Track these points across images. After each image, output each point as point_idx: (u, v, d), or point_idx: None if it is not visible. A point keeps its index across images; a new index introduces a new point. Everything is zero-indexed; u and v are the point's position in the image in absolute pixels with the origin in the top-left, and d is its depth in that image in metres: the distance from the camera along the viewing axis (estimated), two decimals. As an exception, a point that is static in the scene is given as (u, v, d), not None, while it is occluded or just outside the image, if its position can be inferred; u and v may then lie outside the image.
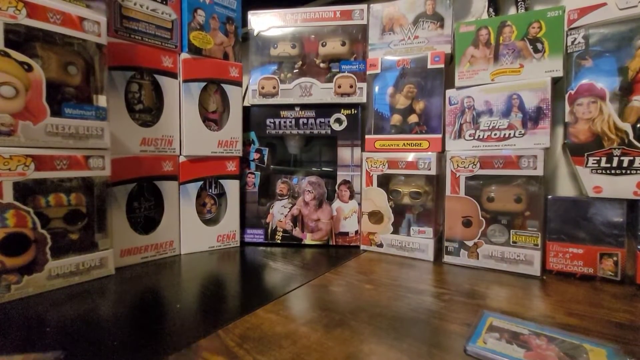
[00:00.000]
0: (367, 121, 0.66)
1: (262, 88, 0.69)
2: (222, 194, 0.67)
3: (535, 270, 0.51)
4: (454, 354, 0.30)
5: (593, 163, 0.50)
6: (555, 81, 0.54)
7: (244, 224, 0.70)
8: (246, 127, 0.70)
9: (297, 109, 0.69)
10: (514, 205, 0.53)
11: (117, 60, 0.53)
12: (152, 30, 0.57)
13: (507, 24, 0.56)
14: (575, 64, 0.51)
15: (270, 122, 0.70)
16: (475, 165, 0.55)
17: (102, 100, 0.48)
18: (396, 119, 0.64)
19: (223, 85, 0.66)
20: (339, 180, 0.68)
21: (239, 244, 0.68)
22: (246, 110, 0.70)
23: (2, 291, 0.40)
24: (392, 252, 0.62)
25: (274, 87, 0.69)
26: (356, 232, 0.67)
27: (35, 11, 0.41)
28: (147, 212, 0.59)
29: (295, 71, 0.70)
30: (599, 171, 0.50)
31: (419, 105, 0.62)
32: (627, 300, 0.42)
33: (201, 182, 0.64)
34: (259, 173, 0.71)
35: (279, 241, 0.69)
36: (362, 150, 0.67)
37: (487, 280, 0.49)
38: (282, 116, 0.69)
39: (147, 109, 0.59)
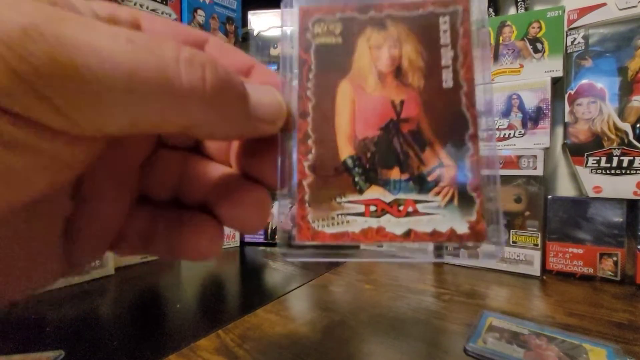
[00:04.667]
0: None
1: (262, 88, 0.69)
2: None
3: (535, 270, 0.51)
4: (454, 354, 0.30)
5: (593, 163, 0.50)
6: (555, 81, 0.54)
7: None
8: (246, 127, 0.70)
9: (297, 109, 0.69)
10: (514, 205, 0.53)
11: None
12: (152, 30, 0.57)
13: (506, 24, 0.56)
14: (575, 64, 0.51)
15: (270, 122, 0.70)
16: (475, 165, 0.55)
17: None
18: (396, 119, 0.63)
19: (223, 85, 0.66)
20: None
21: (238, 244, 0.68)
22: (246, 110, 0.70)
23: None
24: (392, 252, 0.62)
25: (274, 87, 0.69)
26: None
27: (35, 11, 0.41)
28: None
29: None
30: (599, 171, 0.50)
31: (419, 105, 0.62)
32: (627, 300, 0.42)
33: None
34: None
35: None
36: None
37: (487, 280, 0.49)
38: (282, 116, 0.69)
39: (147, 109, 0.59)
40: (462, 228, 0.15)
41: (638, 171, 0.47)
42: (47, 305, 0.39)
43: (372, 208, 0.15)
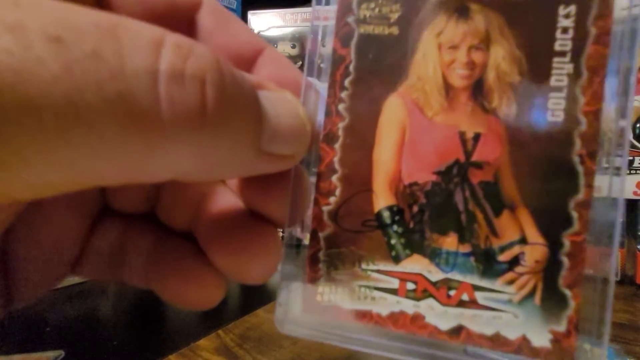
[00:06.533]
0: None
1: (262, 88, 0.69)
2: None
3: (535, 270, 0.51)
4: (454, 354, 0.30)
5: (593, 163, 0.50)
6: (555, 81, 0.54)
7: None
8: (246, 127, 0.70)
9: (297, 109, 0.69)
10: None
11: (117, 60, 0.53)
12: (152, 30, 0.57)
13: (507, 24, 0.56)
14: (575, 64, 0.51)
15: (270, 122, 0.70)
16: (475, 165, 0.55)
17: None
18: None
19: (223, 85, 0.65)
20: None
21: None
22: (246, 110, 0.70)
23: None
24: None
25: (274, 87, 0.69)
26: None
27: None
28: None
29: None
30: (599, 171, 0.50)
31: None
32: (627, 300, 0.42)
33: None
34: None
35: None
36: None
37: (487, 280, 0.49)
38: (282, 116, 0.69)
39: (147, 109, 0.58)
40: (541, 339, 0.10)
41: (638, 171, 0.47)
42: (47, 305, 0.39)
43: (410, 286, 0.11)
